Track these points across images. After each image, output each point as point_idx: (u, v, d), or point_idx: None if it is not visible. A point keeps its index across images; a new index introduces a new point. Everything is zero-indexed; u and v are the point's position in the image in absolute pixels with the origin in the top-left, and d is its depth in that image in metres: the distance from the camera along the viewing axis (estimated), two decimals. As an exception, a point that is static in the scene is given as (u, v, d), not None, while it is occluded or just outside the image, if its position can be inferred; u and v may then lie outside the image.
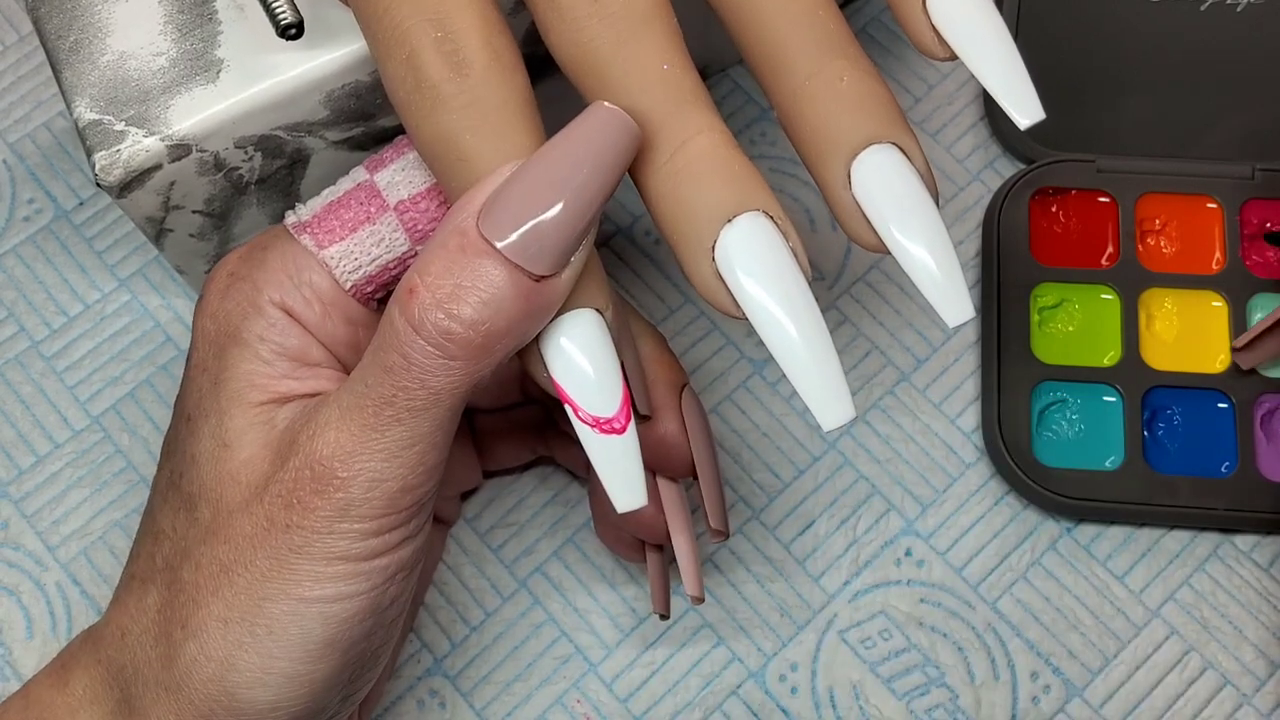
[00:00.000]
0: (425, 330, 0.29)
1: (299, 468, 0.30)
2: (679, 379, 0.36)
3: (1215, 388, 0.42)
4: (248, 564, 0.31)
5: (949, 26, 0.30)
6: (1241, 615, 0.40)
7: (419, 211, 0.33)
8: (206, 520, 0.32)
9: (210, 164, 0.37)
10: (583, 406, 0.30)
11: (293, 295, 0.33)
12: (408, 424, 0.30)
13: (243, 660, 0.31)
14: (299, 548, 0.30)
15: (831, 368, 0.29)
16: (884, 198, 0.30)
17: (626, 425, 0.30)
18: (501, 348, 0.30)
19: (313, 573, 0.30)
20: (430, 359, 0.29)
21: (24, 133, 0.48)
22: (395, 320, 0.29)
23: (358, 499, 0.30)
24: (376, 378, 0.30)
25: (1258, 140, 0.45)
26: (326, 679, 0.32)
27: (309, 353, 0.33)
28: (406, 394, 0.30)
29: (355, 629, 0.31)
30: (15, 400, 0.44)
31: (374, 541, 0.31)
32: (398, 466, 0.30)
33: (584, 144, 0.29)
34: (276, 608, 0.31)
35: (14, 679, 0.41)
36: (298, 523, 0.30)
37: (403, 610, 0.34)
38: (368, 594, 0.31)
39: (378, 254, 0.33)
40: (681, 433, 0.35)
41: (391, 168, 0.34)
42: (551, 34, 0.31)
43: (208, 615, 0.31)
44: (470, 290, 0.29)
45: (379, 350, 0.30)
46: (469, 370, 0.30)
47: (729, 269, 0.29)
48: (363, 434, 0.30)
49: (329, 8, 0.36)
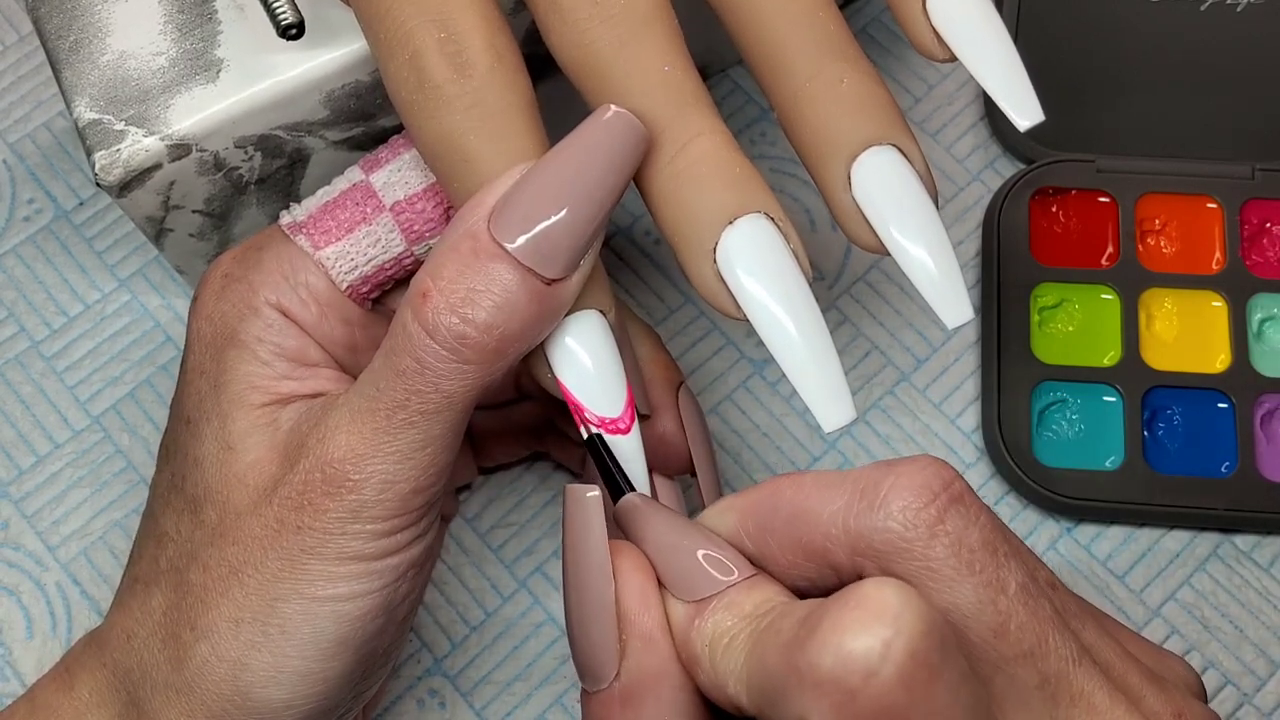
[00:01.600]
0: (439, 334, 0.29)
1: (310, 470, 0.30)
2: (675, 377, 0.36)
3: (1215, 388, 0.42)
4: (258, 565, 0.31)
5: (949, 28, 0.30)
6: (1241, 615, 0.40)
7: (415, 212, 0.33)
8: (213, 522, 0.32)
9: (210, 164, 0.37)
10: (588, 407, 0.30)
11: (289, 296, 0.33)
12: (420, 427, 0.30)
13: (256, 660, 0.31)
14: (311, 549, 0.30)
15: (832, 369, 0.29)
16: (883, 199, 0.30)
17: (631, 425, 0.30)
18: (514, 350, 0.30)
19: (325, 572, 0.31)
20: (444, 363, 0.29)
21: (24, 133, 0.48)
22: (408, 324, 0.29)
23: (370, 500, 0.30)
24: (389, 381, 0.30)
25: (1258, 140, 0.45)
26: (340, 677, 0.32)
27: (307, 353, 0.33)
28: (420, 397, 0.30)
29: (368, 627, 0.31)
30: (15, 400, 0.44)
31: (386, 541, 0.31)
32: (410, 468, 0.30)
33: (593, 147, 0.29)
34: (289, 607, 0.31)
35: (14, 679, 0.41)
36: (309, 524, 0.30)
37: (413, 608, 0.34)
38: (380, 592, 0.31)
39: (374, 255, 0.33)
40: (679, 431, 0.36)
41: (387, 168, 0.34)
42: (553, 35, 0.31)
43: (218, 616, 0.31)
44: (484, 294, 0.29)
45: (391, 354, 0.30)
46: (482, 373, 0.30)
47: (730, 270, 0.29)
48: (375, 437, 0.30)
49: (329, 7, 0.36)
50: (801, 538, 0.27)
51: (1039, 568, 0.28)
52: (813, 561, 0.28)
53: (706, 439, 0.37)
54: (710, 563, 0.28)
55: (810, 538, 0.27)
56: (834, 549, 0.27)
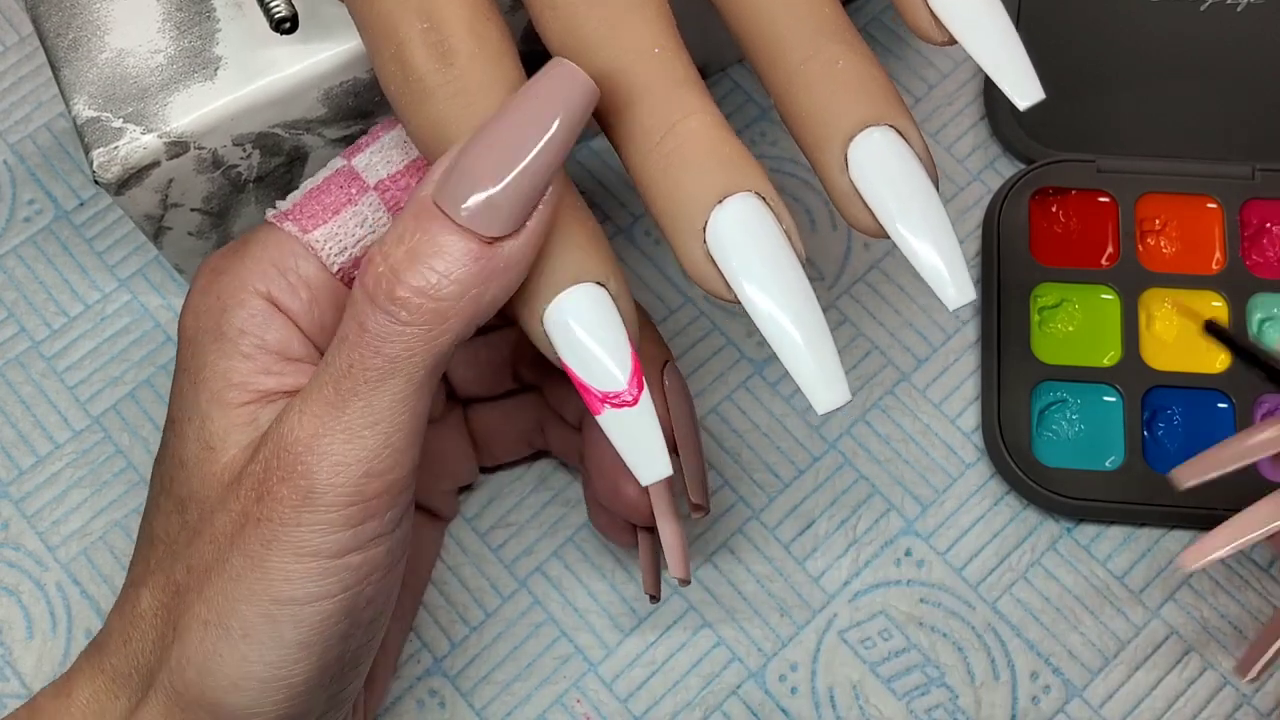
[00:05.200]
0: (378, 297, 0.29)
1: (268, 456, 0.30)
2: (661, 354, 0.36)
3: (1215, 388, 0.42)
4: (224, 563, 0.30)
5: (946, 8, 0.30)
6: (1241, 615, 0.40)
7: (400, 189, 0.34)
8: (194, 522, 0.32)
9: (208, 161, 0.37)
10: (590, 383, 0.30)
11: (278, 283, 0.33)
12: (364, 397, 0.30)
13: (217, 665, 0.31)
14: (268, 541, 0.30)
15: (826, 350, 0.29)
16: (881, 180, 0.29)
17: (639, 397, 0.29)
18: (459, 312, 0.29)
19: (283, 570, 0.30)
20: (383, 325, 0.29)
21: (24, 133, 0.48)
22: (355, 292, 0.30)
23: (321, 485, 0.30)
24: (334, 351, 0.30)
25: (1258, 140, 0.45)
26: (305, 682, 0.31)
27: (290, 346, 0.32)
28: (362, 362, 0.29)
29: (329, 631, 0.31)
30: (15, 400, 0.44)
31: (343, 535, 0.30)
32: (359, 449, 0.30)
33: (535, 101, 0.29)
34: (249, 609, 0.30)
35: (14, 679, 0.41)
36: (266, 515, 0.30)
37: (381, 612, 0.33)
38: (340, 596, 0.31)
39: (361, 235, 0.33)
40: (664, 409, 0.35)
41: (368, 151, 0.34)
42: (545, 26, 0.31)
43: (192, 618, 0.31)
44: (421, 255, 0.29)
45: (341, 325, 0.30)
46: (426, 337, 0.29)
47: (720, 251, 0.29)
48: (324, 412, 0.30)
49: (324, 4, 0.36)
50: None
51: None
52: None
53: (692, 419, 0.36)
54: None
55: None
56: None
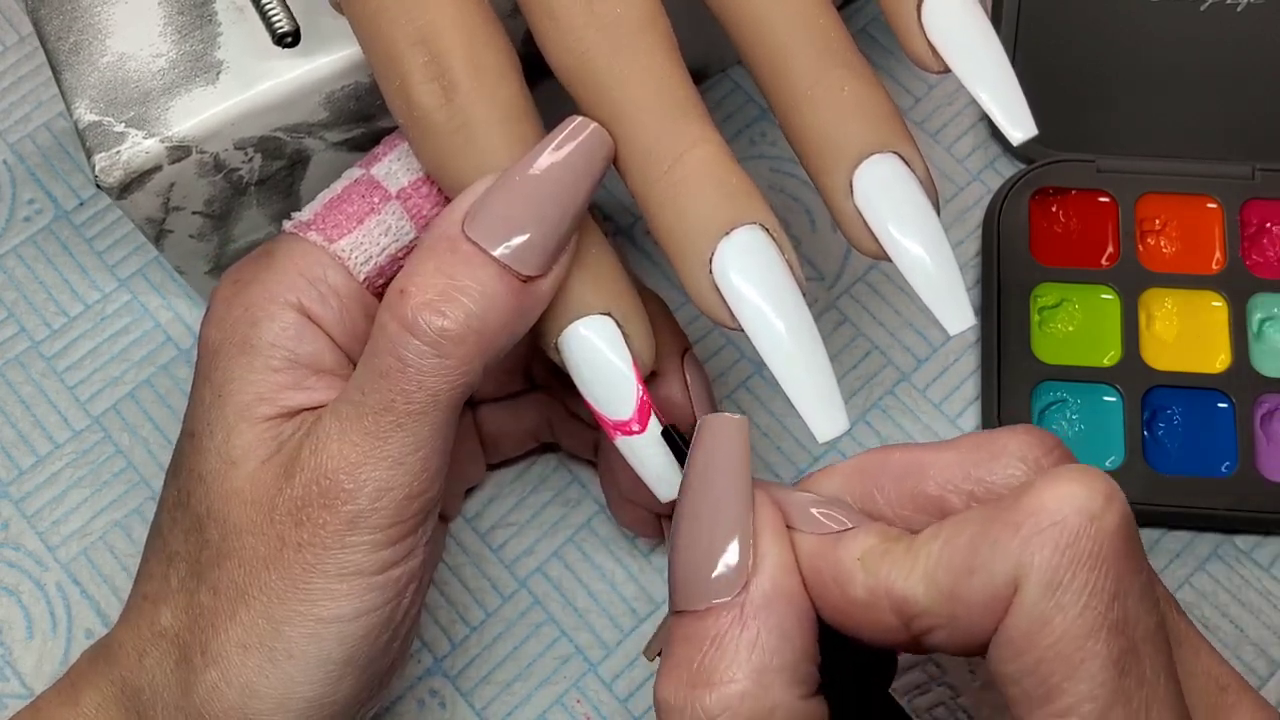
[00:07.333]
0: (419, 330, 0.29)
1: (306, 483, 0.30)
2: (681, 343, 0.36)
3: (1215, 388, 0.42)
4: (263, 586, 0.31)
5: (943, 39, 0.31)
6: (1242, 615, 0.40)
7: (421, 196, 0.34)
8: (216, 541, 0.31)
9: (210, 165, 0.37)
10: (599, 412, 0.31)
11: (309, 293, 0.33)
12: (409, 429, 0.30)
13: (264, 687, 0.31)
14: (312, 565, 0.30)
15: (826, 380, 0.30)
16: (885, 206, 0.30)
17: (645, 426, 0.31)
18: (494, 346, 0.30)
19: (327, 590, 0.31)
20: (425, 359, 0.29)
21: (24, 133, 0.48)
22: (387, 325, 0.30)
23: (365, 510, 0.30)
24: (373, 384, 0.30)
25: (1258, 140, 0.45)
26: (347, 699, 0.32)
27: (322, 358, 0.33)
28: (405, 397, 0.30)
29: (372, 646, 0.31)
30: (15, 400, 0.44)
31: (385, 553, 0.31)
32: (403, 474, 0.30)
33: (564, 157, 0.30)
34: (294, 630, 0.31)
35: (14, 679, 0.41)
36: (309, 540, 0.30)
37: (414, 624, 0.34)
38: (382, 609, 0.31)
39: (386, 243, 0.34)
40: (685, 396, 0.36)
41: (387, 159, 0.34)
42: (547, 41, 0.31)
43: (227, 641, 0.31)
44: (462, 289, 0.29)
45: (372, 356, 0.30)
46: (463, 369, 0.30)
47: (725, 281, 0.30)
48: (365, 443, 0.30)
49: (324, 15, 0.36)
50: (914, 490, 0.28)
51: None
52: (924, 513, 0.28)
53: (712, 406, 0.37)
54: (825, 516, 0.28)
55: (924, 488, 0.28)
56: (950, 496, 0.28)
